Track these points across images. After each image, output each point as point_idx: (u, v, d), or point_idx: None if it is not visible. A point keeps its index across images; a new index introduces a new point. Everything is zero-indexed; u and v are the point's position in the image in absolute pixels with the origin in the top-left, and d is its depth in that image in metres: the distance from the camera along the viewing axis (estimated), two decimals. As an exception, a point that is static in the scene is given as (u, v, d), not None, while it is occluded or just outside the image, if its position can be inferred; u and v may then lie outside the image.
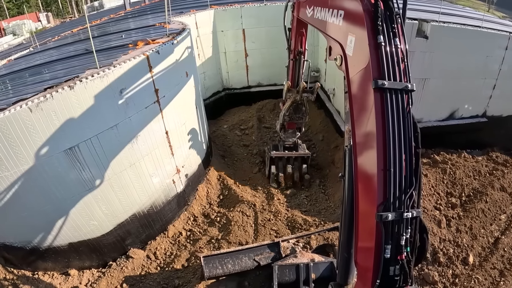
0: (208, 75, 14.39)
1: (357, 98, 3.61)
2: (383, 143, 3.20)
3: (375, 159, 3.23)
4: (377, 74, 3.24)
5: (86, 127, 6.93)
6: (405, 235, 3.22)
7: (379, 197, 3.22)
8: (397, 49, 3.30)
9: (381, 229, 3.19)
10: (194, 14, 13.21)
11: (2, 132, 6.14)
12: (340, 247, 4.81)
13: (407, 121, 3.25)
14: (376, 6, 3.28)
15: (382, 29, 3.27)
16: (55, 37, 14.98)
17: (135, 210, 8.53)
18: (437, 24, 10.26)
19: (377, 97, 3.22)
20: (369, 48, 3.29)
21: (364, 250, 3.52)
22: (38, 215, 7.38)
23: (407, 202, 3.22)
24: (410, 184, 3.24)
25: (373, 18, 3.29)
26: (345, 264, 4.75)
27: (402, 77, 3.29)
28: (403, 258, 3.22)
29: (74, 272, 8.42)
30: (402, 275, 3.25)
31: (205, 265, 7.49)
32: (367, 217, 3.42)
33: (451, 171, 10.67)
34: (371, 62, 3.27)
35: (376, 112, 3.23)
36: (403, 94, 3.27)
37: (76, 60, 8.85)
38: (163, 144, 8.67)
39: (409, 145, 3.25)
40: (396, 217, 3.18)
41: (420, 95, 11.16)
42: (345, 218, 4.55)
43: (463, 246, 8.79)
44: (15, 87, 7.92)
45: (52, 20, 40.40)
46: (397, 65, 3.28)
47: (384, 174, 3.20)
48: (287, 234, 9.03)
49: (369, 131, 3.34)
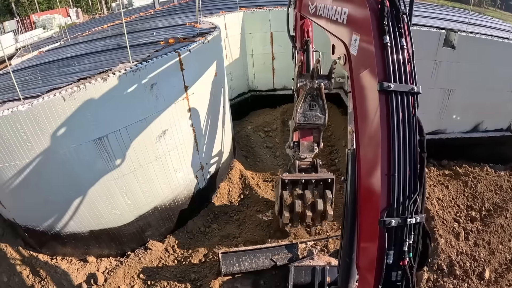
0: (234, 76, 14.55)
1: (361, 99, 3.48)
2: (387, 147, 3.10)
3: (379, 163, 3.14)
4: (383, 76, 3.13)
5: (116, 118, 7.17)
6: (408, 241, 3.13)
7: (383, 202, 3.13)
8: (403, 50, 3.17)
9: (384, 235, 3.11)
10: (224, 16, 13.41)
11: (34, 118, 6.43)
12: (342, 251, 4.73)
13: (412, 125, 3.14)
14: (383, 4, 3.13)
15: (388, 29, 3.13)
16: (85, 32, 15.42)
17: (157, 203, 8.72)
18: (465, 34, 10.21)
19: (382, 100, 3.11)
20: (375, 48, 3.17)
21: (366, 255, 3.45)
22: (63, 201, 7.66)
23: (411, 207, 3.11)
24: (414, 189, 3.13)
25: (379, 17, 3.15)
26: (346, 268, 4.67)
27: (408, 79, 3.15)
28: (405, 264, 3.15)
29: (92, 259, 8.67)
30: (404, 280, 3.18)
31: (223, 261, 7.60)
32: (369, 222, 3.33)
33: (473, 184, 10.55)
34: (377, 63, 3.15)
35: (381, 115, 3.12)
36: (409, 97, 3.14)
37: (108, 55, 9.16)
38: (189, 140, 8.85)
39: (414, 150, 3.14)
40: (400, 223, 3.08)
41: (444, 106, 11.09)
42: (347, 223, 4.47)
43: (480, 260, 8.65)
44: (48, 77, 8.26)
45: (81, 16, 41.48)
46: (403, 67, 3.15)
47: (388, 179, 3.11)
48: (306, 236, 9.07)
49: (374, 134, 3.24)
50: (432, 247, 8.49)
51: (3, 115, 6.25)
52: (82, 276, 8.32)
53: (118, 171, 7.67)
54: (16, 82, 6.58)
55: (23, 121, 6.39)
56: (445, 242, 8.74)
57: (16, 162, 6.80)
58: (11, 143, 6.55)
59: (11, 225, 8.61)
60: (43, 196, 7.48)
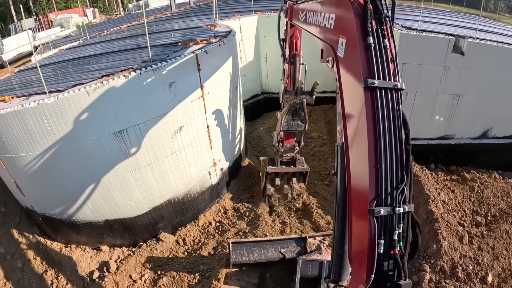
0: (248, 78, 14.84)
1: (348, 98, 3.68)
2: (374, 140, 3.25)
3: (366, 156, 3.27)
4: (367, 73, 3.32)
5: (136, 113, 7.52)
6: (397, 229, 3.22)
7: (371, 193, 3.24)
8: (386, 49, 3.38)
9: (374, 224, 3.19)
10: (239, 19, 13.76)
11: (59, 110, 6.81)
12: (334, 243, 4.80)
13: (397, 119, 3.30)
14: (365, 8, 3.38)
15: (371, 30, 3.35)
16: (103, 31, 15.87)
17: (170, 196, 9.02)
18: (474, 41, 10.29)
19: (367, 96, 3.29)
20: (359, 48, 3.38)
21: (358, 246, 3.53)
22: (81, 190, 8.00)
23: (399, 197, 3.24)
24: (402, 180, 3.26)
25: (363, 20, 3.39)
26: (339, 260, 4.73)
27: (391, 77, 3.35)
28: (396, 253, 3.21)
29: (106, 248, 8.99)
30: (396, 270, 3.23)
31: (233, 250, 7.82)
32: (359, 213, 3.44)
33: (479, 190, 10.56)
34: (361, 62, 3.35)
35: (366, 110, 3.28)
36: (393, 93, 3.33)
37: (127, 54, 9.53)
38: (204, 137, 9.15)
39: (400, 142, 3.29)
40: (389, 212, 3.20)
41: (453, 111, 11.18)
42: (338, 215, 4.58)
43: (484, 264, 8.62)
44: (71, 73, 8.67)
45: (98, 16, 42.15)
46: (386, 65, 3.35)
47: (375, 171, 3.23)
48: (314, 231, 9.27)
49: (360, 128, 3.39)
50: (435, 248, 8.62)
51: (30, 107, 6.62)
52: (95, 263, 8.63)
53: (135, 163, 7.98)
54: (41, 77, 6.95)
55: (48, 113, 6.76)
56: (449, 244, 8.79)
57: (39, 152, 7.17)
58: (36, 133, 6.92)
59: (27, 213, 8.96)
60: (62, 185, 7.82)
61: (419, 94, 10.99)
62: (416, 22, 11.14)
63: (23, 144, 7.03)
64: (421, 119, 11.40)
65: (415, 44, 10.27)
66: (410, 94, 10.97)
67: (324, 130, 14.54)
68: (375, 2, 3.45)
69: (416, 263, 8.53)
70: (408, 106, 11.11)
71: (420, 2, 21.40)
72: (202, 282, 8.20)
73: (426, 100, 11.13)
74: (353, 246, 3.64)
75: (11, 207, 9.17)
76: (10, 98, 7.32)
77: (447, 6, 23.93)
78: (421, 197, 9.84)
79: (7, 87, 8.68)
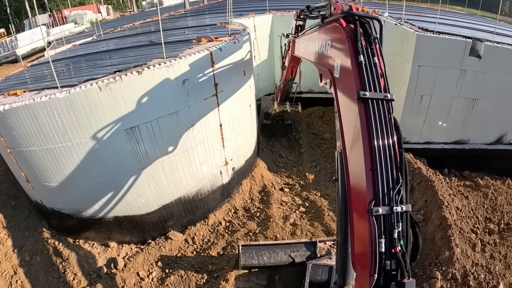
0: (261, 77, 14.80)
1: (344, 111, 4.07)
2: (369, 145, 3.55)
3: (363, 160, 3.55)
4: (360, 87, 3.70)
5: (148, 110, 7.47)
6: (397, 228, 3.39)
7: (369, 195, 3.48)
8: (376, 66, 3.77)
9: (373, 223, 3.39)
10: (253, 18, 13.71)
11: (71, 105, 6.79)
12: (338, 247, 4.97)
13: (389, 126, 3.63)
14: (356, 31, 3.84)
15: (362, 50, 3.77)
16: (117, 28, 15.94)
17: (181, 194, 8.97)
18: (491, 44, 10.13)
19: (361, 107, 3.65)
20: (352, 66, 3.80)
21: (360, 248, 3.70)
22: (91, 186, 7.98)
23: (396, 197, 3.46)
24: (397, 181, 3.51)
25: (354, 41, 3.82)
26: (343, 265, 4.85)
27: (382, 90, 3.72)
28: (397, 251, 3.36)
29: (114, 244, 8.96)
30: (399, 269, 3.34)
31: (242, 253, 7.71)
32: (359, 214, 3.66)
33: (493, 197, 10.40)
34: (354, 77, 3.75)
35: (360, 119, 3.63)
36: (384, 103, 3.69)
37: (141, 50, 9.52)
38: (216, 135, 9.08)
39: (393, 146, 3.59)
40: (387, 211, 3.40)
41: (468, 116, 11.01)
42: (340, 219, 4.77)
43: (495, 273, 8.48)
44: (83, 68, 8.66)
45: (111, 13, 42.56)
46: (377, 79, 3.73)
47: (372, 173, 3.50)
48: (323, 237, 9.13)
49: (356, 137, 3.72)
50: (448, 255, 8.47)
51: (41, 101, 6.61)
52: (102, 260, 8.60)
53: (146, 160, 7.95)
54: (54, 72, 6.95)
55: (60, 108, 6.75)
56: (461, 252, 8.65)
57: (50, 146, 7.15)
58: (47, 128, 6.90)
59: (37, 206, 8.95)
60: (72, 180, 7.79)
61: (434, 97, 10.84)
62: (433, 24, 10.98)
63: (33, 138, 7.02)
64: (435, 123, 11.25)
65: (432, 46, 10.10)
66: (426, 97, 10.82)
67: (337, 131, 14.42)
68: (364, 26, 3.92)
69: (428, 270, 8.40)
70: (423, 110, 11.02)
71: (435, 4, 21.17)
72: (210, 282, 8.13)
73: (442, 104, 10.97)
74: (356, 248, 3.81)
75: (20, 201, 9.18)
76: (22, 92, 7.32)
77: (463, 8, 23.66)
78: (434, 203, 9.67)
79: (20, 81, 8.71)
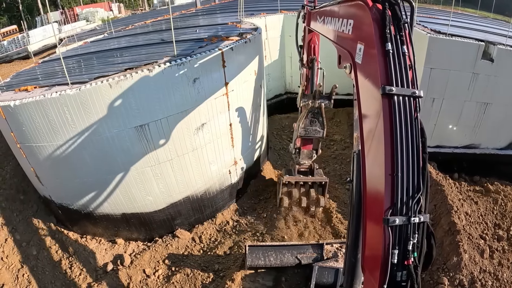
0: (272, 77, 14.73)
1: (365, 105, 3.65)
2: (391, 148, 3.21)
3: (383, 164, 3.23)
4: (385, 80, 3.29)
5: (158, 108, 7.48)
6: (412, 240, 3.17)
7: (387, 202, 3.21)
8: (404, 56, 3.34)
9: (388, 233, 3.16)
10: (264, 17, 13.66)
11: (81, 102, 6.84)
12: (348, 251, 4.73)
13: (414, 127, 3.26)
14: (384, 14, 3.35)
15: (390, 37, 3.31)
16: (128, 26, 16.02)
17: (189, 193, 8.98)
18: (504, 47, 9.99)
19: (385, 103, 3.26)
20: (378, 55, 3.35)
21: (371, 255, 3.50)
22: (99, 182, 8.03)
23: (415, 207, 3.18)
24: (418, 189, 3.21)
25: (381, 26, 3.35)
26: (351, 268, 4.64)
27: (410, 84, 3.31)
28: (410, 263, 3.18)
29: (121, 241, 9.02)
30: (410, 280, 3.19)
31: (249, 254, 7.72)
32: (374, 221, 3.41)
33: (503, 203, 10.28)
34: (379, 68, 3.32)
35: (384, 117, 3.26)
36: (411, 100, 3.29)
37: (152, 48, 9.53)
38: (226, 135, 9.07)
39: (417, 151, 3.25)
40: (404, 222, 3.15)
41: (480, 120, 10.88)
42: (352, 222, 4.50)
43: (503, 281, 8.38)
44: (94, 65, 8.71)
45: (123, 11, 42.84)
46: (404, 72, 3.31)
47: (391, 179, 3.20)
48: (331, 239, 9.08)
49: (377, 136, 3.36)
50: (455, 261, 8.38)
51: (52, 97, 6.67)
52: (109, 256, 8.67)
53: (155, 158, 7.96)
54: (64, 68, 6.99)
55: (70, 104, 6.80)
56: (469, 258, 8.56)
57: (59, 142, 7.22)
58: (56, 124, 6.96)
59: (45, 202, 9.03)
60: (81, 176, 7.85)
61: (446, 101, 10.72)
62: (445, 26, 10.88)
63: (43, 134, 7.08)
64: (446, 127, 11.13)
65: (444, 48, 9.99)
66: (437, 100, 10.71)
67: (347, 133, 14.28)
68: (393, 7, 3.40)
69: (435, 276, 8.33)
70: (434, 113, 10.90)
71: (447, 6, 20.94)
72: (216, 282, 8.14)
73: (453, 107, 10.85)
74: (366, 254, 3.59)
75: (29, 195, 9.28)
76: (33, 88, 7.39)
77: (475, 11, 23.38)
78: (443, 207, 9.58)
79: (31, 77, 8.80)
